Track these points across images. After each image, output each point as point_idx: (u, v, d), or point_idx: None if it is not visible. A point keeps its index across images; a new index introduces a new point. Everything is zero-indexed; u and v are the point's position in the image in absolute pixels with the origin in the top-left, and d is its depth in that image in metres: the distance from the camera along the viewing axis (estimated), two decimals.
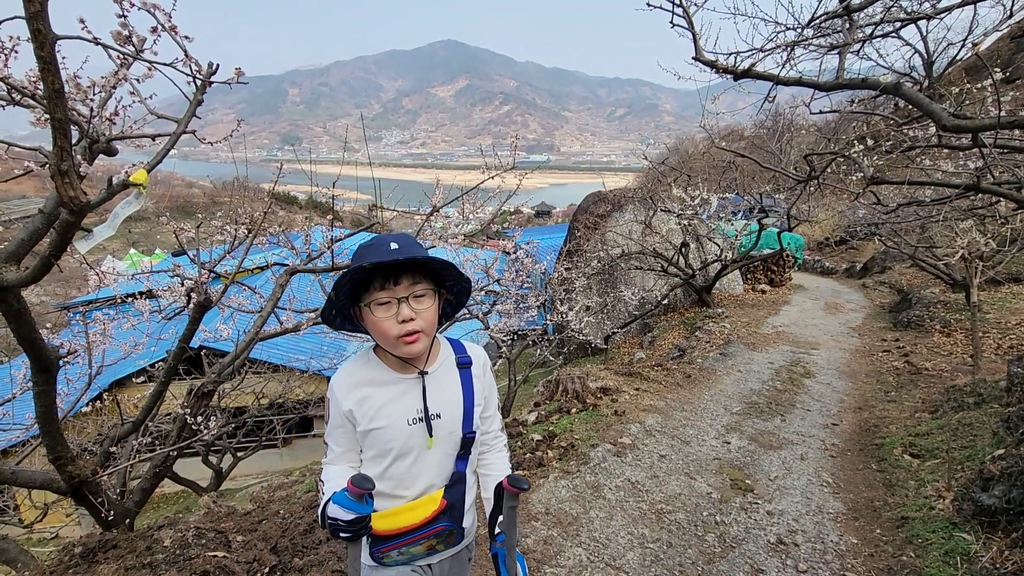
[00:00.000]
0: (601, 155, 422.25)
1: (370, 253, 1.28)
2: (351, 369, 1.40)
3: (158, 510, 9.79)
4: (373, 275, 1.28)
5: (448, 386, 1.43)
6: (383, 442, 1.35)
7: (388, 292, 1.29)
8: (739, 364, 7.05)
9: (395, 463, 1.37)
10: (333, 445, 1.41)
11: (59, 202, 1.62)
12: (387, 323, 1.29)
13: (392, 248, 1.27)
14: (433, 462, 1.40)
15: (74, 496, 2.83)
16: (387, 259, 1.24)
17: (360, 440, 1.39)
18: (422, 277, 1.33)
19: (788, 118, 10.76)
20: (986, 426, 3.78)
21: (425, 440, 1.37)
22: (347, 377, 1.38)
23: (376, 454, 1.37)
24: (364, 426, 1.34)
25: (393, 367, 1.39)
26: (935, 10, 3.43)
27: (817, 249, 20.26)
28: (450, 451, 1.42)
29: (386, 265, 1.26)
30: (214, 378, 3.46)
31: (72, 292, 21.49)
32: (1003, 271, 8.92)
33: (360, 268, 1.25)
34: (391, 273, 1.29)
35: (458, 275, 1.39)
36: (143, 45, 1.99)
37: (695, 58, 3.09)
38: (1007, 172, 3.77)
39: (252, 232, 3.75)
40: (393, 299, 1.29)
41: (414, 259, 1.27)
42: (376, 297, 1.29)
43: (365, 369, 1.39)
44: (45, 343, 2.10)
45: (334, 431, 1.40)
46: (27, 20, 1.25)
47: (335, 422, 1.39)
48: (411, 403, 1.37)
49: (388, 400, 1.36)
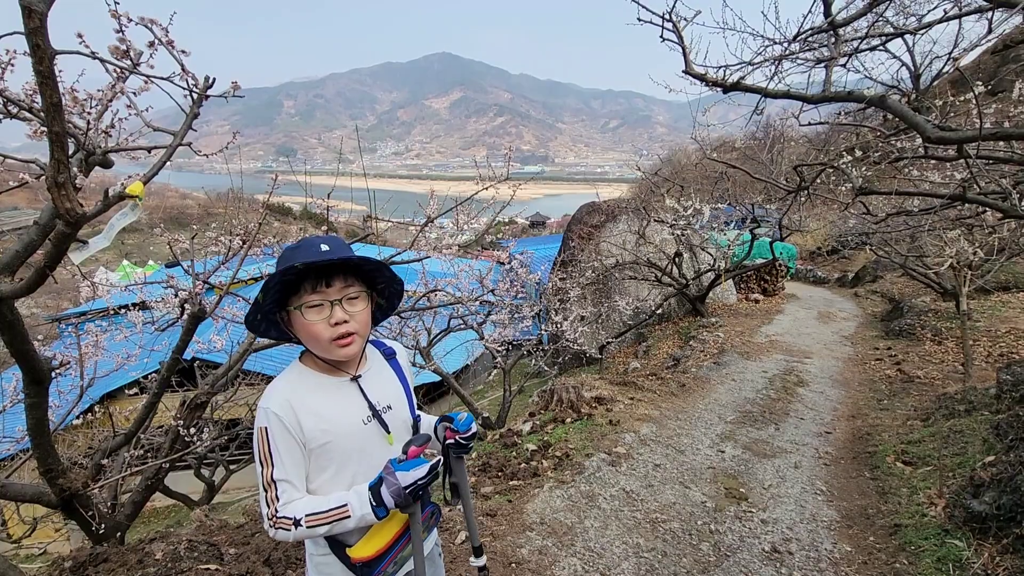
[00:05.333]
0: (595, 166, 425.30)
1: (299, 254, 1.22)
2: (285, 386, 1.29)
3: (149, 524, 9.66)
4: (304, 277, 1.24)
5: (386, 378, 1.44)
6: (342, 451, 1.29)
7: (320, 295, 1.25)
8: (733, 373, 7.07)
9: (360, 469, 1.31)
10: (286, 475, 1.24)
11: (55, 214, 1.63)
12: (319, 326, 1.25)
13: (323, 249, 1.23)
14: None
15: (64, 510, 2.80)
16: (320, 259, 1.20)
17: (312, 461, 1.27)
18: (354, 279, 1.30)
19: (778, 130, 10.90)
20: (977, 433, 3.81)
21: (383, 437, 1.36)
22: (289, 392, 1.27)
23: (337, 469, 1.29)
24: (318, 441, 1.26)
25: (327, 372, 1.34)
26: (919, 25, 3.51)
27: (809, 259, 20.39)
28: (407, 438, 1.40)
29: (318, 267, 1.22)
30: (207, 389, 3.45)
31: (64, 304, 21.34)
32: (992, 280, 9.02)
33: (291, 268, 1.19)
34: (323, 275, 1.25)
35: (391, 276, 1.38)
36: (140, 59, 2.02)
37: (685, 71, 3.14)
38: (993, 183, 3.83)
39: (247, 243, 3.76)
40: (326, 302, 1.25)
41: (347, 260, 1.24)
42: (307, 300, 1.24)
43: (300, 381, 1.31)
44: (38, 355, 2.09)
45: (285, 457, 1.23)
46: (26, 35, 1.27)
47: (285, 445, 1.23)
48: (357, 404, 1.35)
49: (335, 407, 1.30)
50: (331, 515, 1.22)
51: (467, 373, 14.63)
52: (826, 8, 2.92)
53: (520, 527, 3.27)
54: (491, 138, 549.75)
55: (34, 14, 1.24)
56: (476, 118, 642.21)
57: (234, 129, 3.21)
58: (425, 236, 4.29)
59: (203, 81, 2.17)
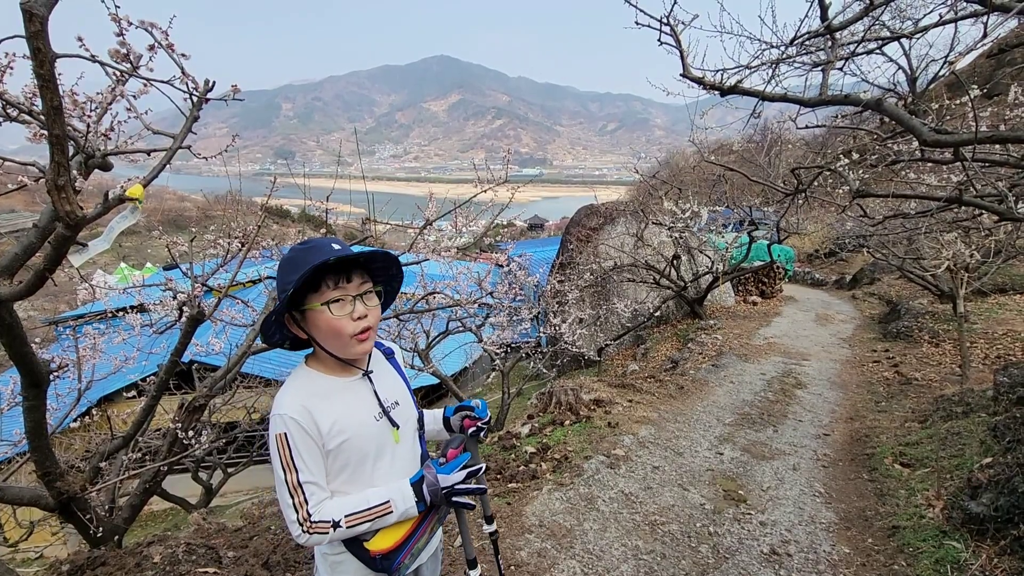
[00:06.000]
0: (593, 168, 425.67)
1: (314, 254, 1.24)
2: (297, 391, 1.30)
3: (146, 528, 9.62)
4: (323, 275, 1.26)
5: (390, 376, 1.49)
6: (357, 449, 1.31)
7: (341, 290, 1.27)
8: (731, 375, 7.08)
9: (375, 467, 1.34)
10: (312, 478, 1.24)
11: (55, 216, 1.63)
12: (342, 321, 1.27)
13: (335, 248, 1.26)
14: (407, 450, 1.44)
15: (62, 513, 2.79)
16: (342, 255, 1.23)
17: (330, 462, 1.29)
18: (367, 276, 1.34)
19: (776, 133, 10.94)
20: (974, 435, 3.82)
21: (391, 434, 1.39)
22: (300, 398, 1.27)
23: (354, 468, 1.31)
24: (335, 441, 1.27)
25: (336, 373, 1.36)
26: (915, 29, 3.54)
27: (807, 261, 20.45)
28: (413, 435, 1.47)
29: (340, 262, 1.25)
30: (206, 392, 3.44)
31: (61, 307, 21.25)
32: (989, 282, 9.05)
33: (324, 263, 1.21)
34: (343, 271, 1.28)
35: (398, 272, 1.43)
36: (140, 62, 2.02)
37: (683, 75, 3.15)
38: (989, 185, 3.85)
39: (245, 246, 3.76)
40: (347, 297, 1.28)
41: (372, 254, 1.30)
42: (329, 296, 1.26)
43: (310, 384, 1.32)
44: (36, 357, 2.09)
45: (308, 460, 1.24)
46: (27, 39, 1.28)
47: (306, 450, 1.24)
48: (368, 402, 1.37)
49: (347, 406, 1.33)
50: (374, 512, 1.26)
51: (466, 376, 14.62)
52: (823, 12, 2.94)
53: (519, 529, 3.27)
54: (489, 141, 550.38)
55: (35, 18, 1.24)
56: (474, 121, 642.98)
57: (232, 132, 3.22)
58: (424, 238, 4.30)
59: (203, 84, 2.18)
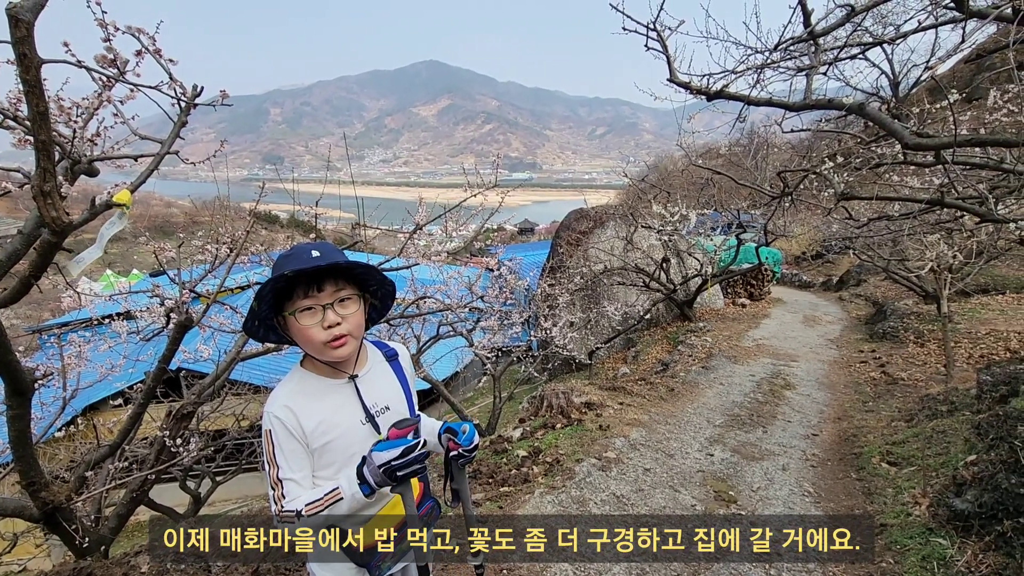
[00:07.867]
0: (583, 173, 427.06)
1: (291, 261, 1.27)
2: (286, 390, 1.36)
3: (132, 539, 9.46)
4: (295, 283, 1.29)
5: (386, 380, 1.49)
6: (343, 450, 1.35)
7: (312, 299, 1.30)
8: (721, 377, 7.13)
9: None
10: (291, 474, 1.31)
11: (40, 223, 1.62)
12: (313, 330, 1.29)
13: (313, 255, 1.27)
14: None
15: (47, 524, 2.75)
16: (308, 266, 1.25)
17: (316, 459, 1.34)
18: (346, 283, 1.35)
19: (762, 136, 11.07)
20: (959, 433, 3.88)
21: (376, 438, 1.39)
22: (289, 396, 1.33)
23: (339, 467, 1.35)
24: (319, 440, 1.32)
25: (326, 375, 1.39)
26: (896, 34, 3.61)
27: (795, 263, 20.66)
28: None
29: (308, 272, 1.27)
30: (194, 400, 3.41)
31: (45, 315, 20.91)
32: (972, 283, 9.21)
33: (281, 277, 1.25)
34: (314, 280, 1.30)
35: (381, 279, 1.43)
36: (127, 67, 2.01)
37: (670, 80, 3.19)
38: (970, 188, 3.93)
39: (234, 251, 3.73)
40: (318, 306, 1.30)
41: (336, 265, 1.29)
42: (300, 305, 1.29)
43: (301, 384, 1.37)
44: (20, 365, 2.06)
45: (289, 457, 1.30)
46: (13, 44, 1.27)
47: (288, 446, 1.30)
48: (355, 405, 1.39)
49: (334, 407, 1.36)
50: (326, 500, 1.28)
51: (457, 380, 14.58)
52: (806, 19, 2.99)
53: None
54: (479, 145, 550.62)
55: (21, 23, 1.23)
56: (464, 125, 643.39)
57: (220, 137, 3.20)
58: (414, 243, 4.30)
59: (191, 89, 2.17)
